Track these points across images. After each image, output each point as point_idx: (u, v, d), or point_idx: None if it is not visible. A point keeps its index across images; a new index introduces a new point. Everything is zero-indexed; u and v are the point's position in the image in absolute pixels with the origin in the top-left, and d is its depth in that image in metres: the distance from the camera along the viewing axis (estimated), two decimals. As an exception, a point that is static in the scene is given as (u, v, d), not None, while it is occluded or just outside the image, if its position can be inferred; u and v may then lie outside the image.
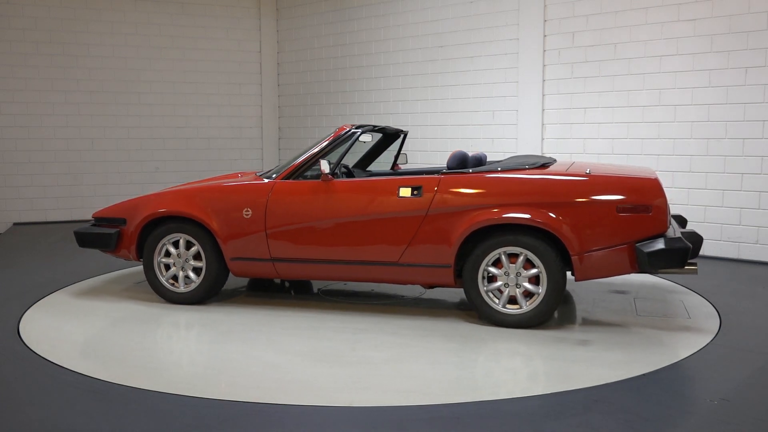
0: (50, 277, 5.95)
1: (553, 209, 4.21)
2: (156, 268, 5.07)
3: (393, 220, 4.51)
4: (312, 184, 4.76)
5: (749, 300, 5.09)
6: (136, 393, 3.34)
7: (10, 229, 9.01)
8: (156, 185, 9.97)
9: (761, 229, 6.42)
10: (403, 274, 4.58)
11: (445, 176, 4.50)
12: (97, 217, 5.37)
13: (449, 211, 4.39)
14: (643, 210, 4.11)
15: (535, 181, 4.34)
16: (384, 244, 4.55)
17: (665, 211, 4.13)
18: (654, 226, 4.11)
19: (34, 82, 9.28)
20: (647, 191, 4.15)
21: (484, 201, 4.34)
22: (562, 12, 7.46)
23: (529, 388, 3.42)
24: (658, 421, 2.97)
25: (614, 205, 4.15)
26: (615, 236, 4.14)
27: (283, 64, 10.52)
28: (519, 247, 4.27)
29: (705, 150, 6.67)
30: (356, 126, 4.97)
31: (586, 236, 4.17)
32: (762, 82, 6.30)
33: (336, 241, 4.65)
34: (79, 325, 4.52)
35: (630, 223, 4.12)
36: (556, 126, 7.62)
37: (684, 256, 4.01)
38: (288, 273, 4.89)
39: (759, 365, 3.68)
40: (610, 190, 4.21)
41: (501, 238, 4.30)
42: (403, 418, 3.04)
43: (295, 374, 3.60)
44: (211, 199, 4.95)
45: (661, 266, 4.05)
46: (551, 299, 4.26)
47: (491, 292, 4.39)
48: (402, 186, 4.55)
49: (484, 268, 4.36)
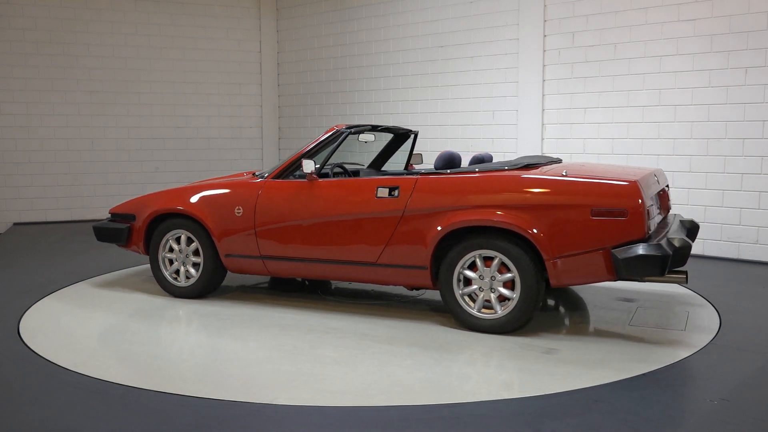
0: (50, 277, 5.95)
1: (527, 211, 4.07)
2: (160, 263, 5.28)
3: (371, 221, 4.51)
4: (297, 184, 4.84)
5: (749, 300, 5.09)
6: (136, 393, 3.34)
7: (10, 229, 9.01)
8: (156, 185, 9.97)
9: (761, 229, 6.42)
10: (382, 274, 4.58)
11: (422, 177, 4.47)
12: (112, 213, 5.61)
13: (425, 213, 4.34)
14: (618, 214, 3.90)
15: (509, 183, 4.21)
16: (363, 244, 4.55)
17: (642, 216, 3.89)
18: (631, 231, 3.89)
19: (34, 82, 9.28)
20: (623, 195, 3.93)
21: (459, 203, 4.25)
22: (562, 12, 7.46)
23: (478, 393, 3.42)
24: (658, 421, 2.97)
25: (588, 208, 3.96)
26: (590, 241, 3.96)
27: (283, 64, 10.52)
28: (493, 251, 4.17)
29: (705, 150, 6.67)
30: (348, 126, 4.96)
31: (560, 240, 4.01)
32: (762, 82, 6.30)
33: (319, 240, 4.70)
34: (80, 325, 4.52)
35: (605, 227, 3.92)
36: (556, 126, 7.62)
37: (662, 263, 3.78)
38: (276, 270, 4.97)
39: (759, 365, 3.68)
40: (585, 193, 4.02)
41: (474, 241, 4.21)
42: (404, 418, 3.04)
43: (234, 371, 3.64)
44: (207, 197, 5.12)
45: (637, 273, 3.85)
46: (524, 305, 4.12)
47: (467, 296, 4.30)
48: (380, 186, 4.54)
49: (459, 270, 4.28)
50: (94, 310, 4.91)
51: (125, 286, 5.62)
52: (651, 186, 4.28)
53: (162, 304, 5.06)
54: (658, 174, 4.75)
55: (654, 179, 4.47)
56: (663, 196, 4.77)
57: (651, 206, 4.08)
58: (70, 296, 5.30)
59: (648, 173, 4.38)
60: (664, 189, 4.81)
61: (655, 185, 4.44)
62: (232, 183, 5.20)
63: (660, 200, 4.64)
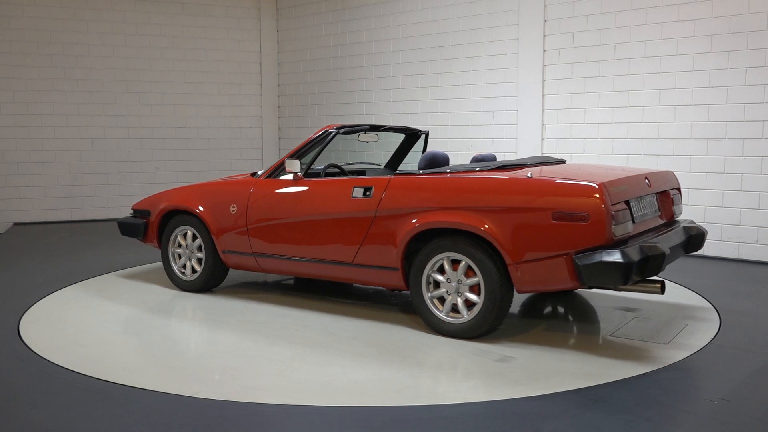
0: (50, 277, 5.95)
1: (489, 214, 3.93)
2: (170, 257, 5.53)
3: (347, 221, 4.52)
4: (284, 183, 4.93)
5: (749, 300, 5.09)
6: (136, 393, 3.34)
7: (10, 229, 9.01)
8: (156, 185, 9.99)
9: (761, 229, 6.42)
10: (358, 274, 4.59)
11: (394, 177, 4.45)
12: (134, 209, 5.88)
13: (395, 213, 4.31)
14: (579, 218, 3.68)
15: (473, 185, 4.10)
16: (340, 243, 4.57)
17: (604, 220, 3.64)
18: (592, 236, 3.66)
19: (34, 82, 9.28)
20: (584, 198, 3.70)
21: (426, 204, 4.18)
22: (562, 12, 7.46)
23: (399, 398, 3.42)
24: (658, 421, 2.97)
25: (550, 211, 3.76)
26: (551, 245, 3.77)
27: (283, 64, 10.53)
28: (459, 253, 4.06)
29: (705, 150, 6.67)
30: (339, 127, 4.97)
31: (522, 244, 3.84)
32: (762, 82, 6.30)
33: (302, 239, 4.76)
34: (80, 325, 4.52)
35: (567, 231, 3.71)
36: (556, 126, 7.62)
37: (624, 271, 3.54)
38: (267, 268, 5.08)
39: (759, 365, 3.68)
40: (546, 195, 3.82)
41: (442, 243, 4.12)
42: (404, 418, 3.04)
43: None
44: (207, 195, 5.32)
45: (597, 281, 3.67)
46: (488, 310, 3.98)
47: (437, 299, 4.21)
48: (356, 186, 4.54)
49: (428, 273, 4.20)
50: (94, 310, 4.91)
51: (125, 286, 5.62)
52: (633, 189, 4.04)
53: (162, 304, 5.06)
54: (655, 176, 4.47)
55: (643, 182, 4.24)
56: (665, 201, 4.55)
57: (621, 210, 3.78)
58: (70, 296, 5.30)
59: (630, 176, 4.15)
60: (666, 192, 4.58)
61: (642, 188, 4.19)
62: (228, 182, 5.37)
63: (660, 204, 4.47)
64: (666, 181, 4.64)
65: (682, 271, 5.92)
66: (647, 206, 4.25)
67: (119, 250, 7.23)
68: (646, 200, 4.25)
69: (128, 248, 7.30)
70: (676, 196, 4.68)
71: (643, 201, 4.20)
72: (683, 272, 5.90)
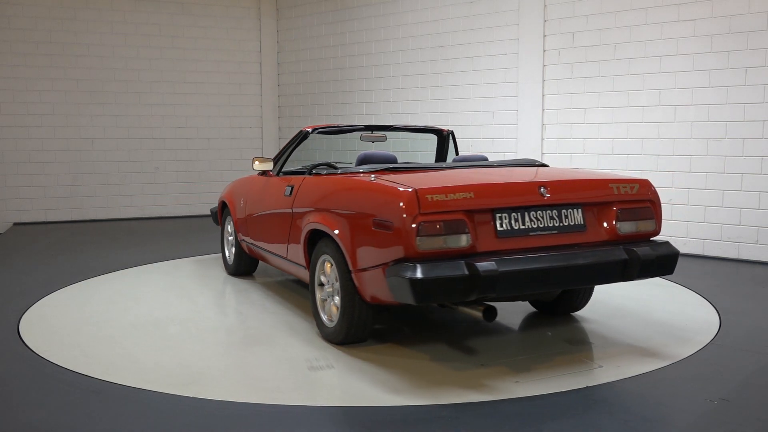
0: (50, 277, 5.95)
1: (339, 217, 3.79)
2: (223, 243, 6.21)
3: (279, 216, 4.76)
4: (263, 180, 5.35)
5: (749, 300, 5.09)
6: (136, 393, 3.34)
7: (10, 229, 9.01)
8: (156, 185, 10.00)
9: (761, 229, 6.42)
10: (293, 270, 4.69)
11: (307, 177, 4.52)
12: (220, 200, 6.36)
13: (302, 212, 4.35)
14: (386, 226, 3.35)
15: (333, 186, 4.09)
16: (277, 239, 4.81)
17: (406, 232, 3.24)
18: (398, 247, 3.28)
19: (35, 82, 9.29)
20: (390, 205, 3.36)
21: (316, 204, 4.15)
22: (562, 12, 7.46)
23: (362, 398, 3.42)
24: (658, 421, 2.97)
25: (370, 218, 3.50)
26: (375, 255, 3.47)
27: (283, 64, 10.53)
28: (329, 256, 3.91)
29: (705, 150, 6.67)
30: (314, 127, 5.10)
31: (358, 251, 3.59)
32: (762, 82, 6.30)
33: (264, 233, 5.09)
34: (80, 325, 4.51)
35: (382, 240, 3.40)
36: (556, 126, 7.62)
37: (417, 292, 3.16)
38: (259, 257, 5.46)
39: (759, 365, 3.67)
40: (368, 200, 3.61)
41: (321, 244, 4.04)
42: (404, 418, 3.04)
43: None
44: (233, 190, 5.99)
45: (397, 299, 3.34)
46: (345, 317, 3.77)
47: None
48: (288, 184, 4.72)
49: (317, 275, 4.13)
50: (94, 310, 4.90)
51: (125, 286, 5.62)
52: (501, 198, 3.52)
53: (163, 304, 5.06)
54: (572, 185, 3.77)
55: (533, 191, 3.60)
56: (604, 215, 3.75)
57: (446, 222, 3.30)
58: (70, 296, 5.30)
59: (502, 182, 3.68)
60: (609, 205, 3.77)
61: (527, 198, 3.58)
62: (244, 178, 5.93)
63: (590, 218, 3.73)
64: (602, 193, 3.76)
65: (682, 271, 5.91)
66: (545, 219, 3.61)
67: (119, 250, 7.23)
68: (541, 212, 3.60)
69: (128, 248, 7.30)
70: (632, 211, 3.81)
71: (534, 213, 3.58)
72: (683, 272, 5.89)
